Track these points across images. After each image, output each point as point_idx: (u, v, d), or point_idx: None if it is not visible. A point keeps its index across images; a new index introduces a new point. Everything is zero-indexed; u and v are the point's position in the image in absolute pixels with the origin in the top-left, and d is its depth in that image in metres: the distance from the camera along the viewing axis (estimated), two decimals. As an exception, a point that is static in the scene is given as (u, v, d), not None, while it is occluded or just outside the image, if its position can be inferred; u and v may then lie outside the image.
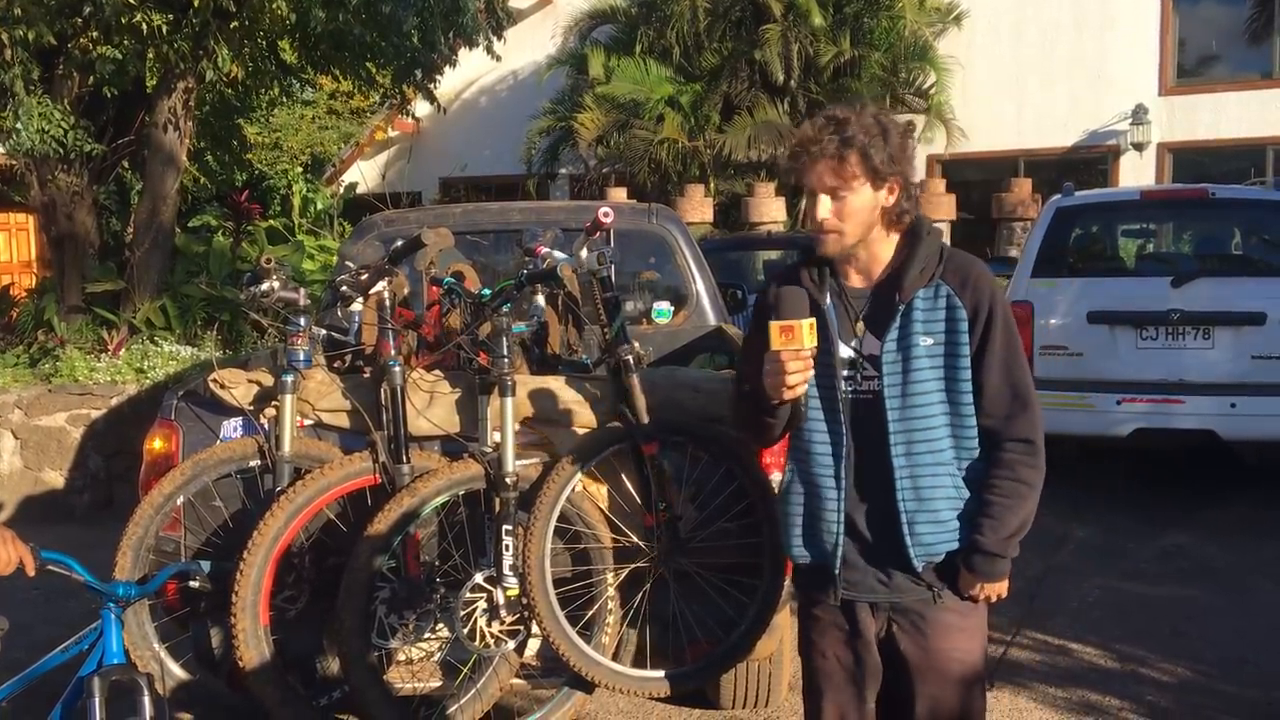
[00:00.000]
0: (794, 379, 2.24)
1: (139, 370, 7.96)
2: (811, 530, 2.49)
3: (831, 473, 2.42)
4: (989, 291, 2.38)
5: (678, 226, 5.17)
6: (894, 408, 2.37)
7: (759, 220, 13.42)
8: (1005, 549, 2.37)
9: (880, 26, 14.59)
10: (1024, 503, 2.37)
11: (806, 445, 2.46)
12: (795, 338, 2.21)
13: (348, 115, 19.81)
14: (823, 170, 2.32)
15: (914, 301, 2.36)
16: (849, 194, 2.33)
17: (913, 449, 2.37)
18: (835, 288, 2.45)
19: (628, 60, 14.80)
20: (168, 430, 3.50)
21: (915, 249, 2.40)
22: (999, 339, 2.36)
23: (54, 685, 3.04)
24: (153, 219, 8.65)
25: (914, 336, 2.36)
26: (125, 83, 8.31)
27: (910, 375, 2.36)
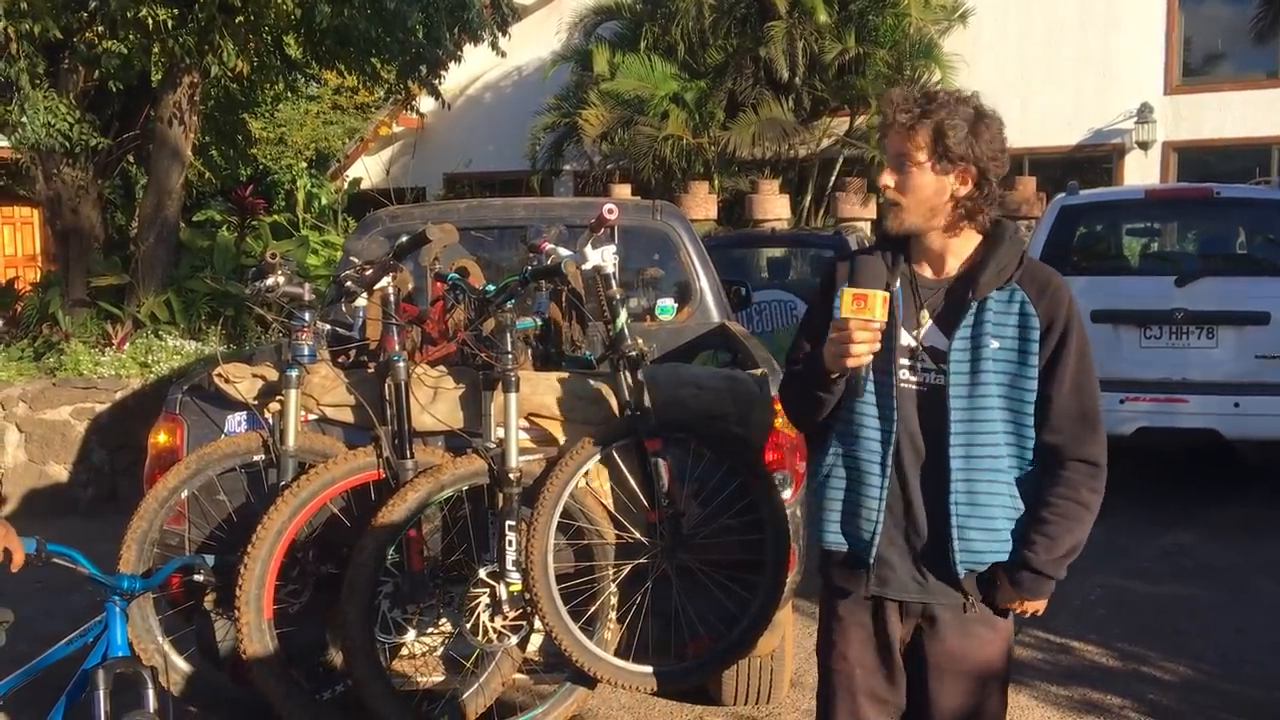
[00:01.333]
0: (859, 349, 2.20)
1: (143, 364, 7.98)
2: (850, 517, 2.44)
3: (878, 459, 2.37)
4: (1066, 305, 2.33)
5: (682, 223, 5.17)
6: (958, 406, 2.32)
7: (763, 218, 13.40)
8: (1056, 570, 2.33)
9: (885, 24, 14.57)
10: (1080, 525, 2.32)
11: (855, 430, 2.41)
12: (867, 307, 2.18)
13: (352, 111, 19.79)
14: (894, 137, 2.29)
15: (987, 302, 2.32)
16: (913, 167, 2.28)
17: (972, 451, 2.32)
18: (906, 274, 2.41)
19: (632, 57, 14.79)
20: (172, 424, 3.51)
21: (995, 249, 2.34)
22: (1073, 356, 2.31)
23: (59, 678, 3.06)
24: (158, 213, 8.67)
25: (984, 337, 2.31)
26: (130, 77, 8.34)
27: (977, 376, 2.31)
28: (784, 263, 10.73)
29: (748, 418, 3.41)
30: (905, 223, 2.34)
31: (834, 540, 2.47)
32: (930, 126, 2.25)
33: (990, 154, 2.29)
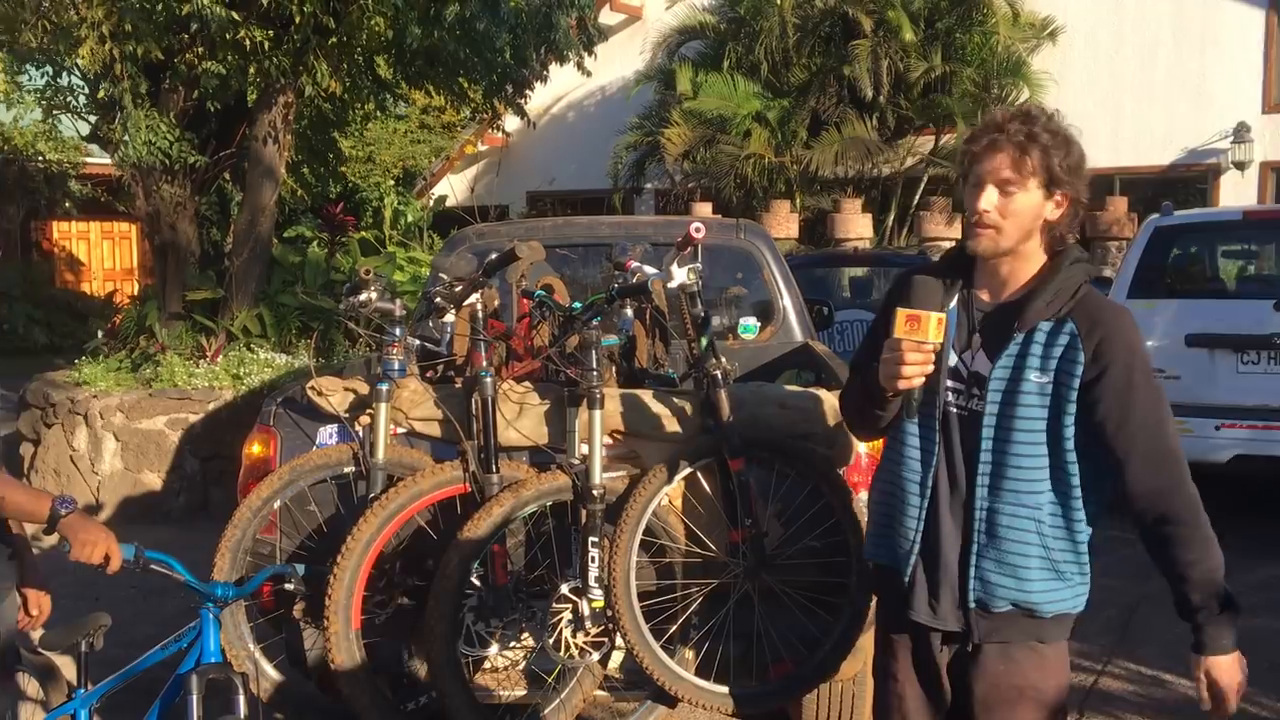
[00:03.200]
0: (910, 370, 2.18)
1: (235, 376, 8.18)
2: (890, 534, 2.43)
3: (918, 479, 2.35)
4: (1124, 345, 2.20)
5: (765, 242, 5.17)
6: (988, 436, 2.27)
7: (845, 237, 13.32)
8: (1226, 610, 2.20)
9: (973, 42, 14.41)
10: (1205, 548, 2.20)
11: (901, 449, 2.39)
12: (920, 328, 2.16)
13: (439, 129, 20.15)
14: (1001, 160, 2.22)
15: (1034, 333, 2.24)
16: (1019, 191, 2.22)
17: (999, 483, 2.26)
18: (964, 295, 2.36)
19: (715, 76, 14.83)
20: (266, 435, 3.59)
21: (1050, 278, 2.26)
22: (1141, 400, 2.19)
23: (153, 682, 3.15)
24: (251, 229, 8.89)
25: (1027, 370, 2.24)
26: (227, 97, 8.57)
27: (1015, 409, 2.24)
28: (866, 282, 10.64)
29: (833, 438, 3.38)
30: (1001, 246, 2.27)
31: (873, 554, 2.49)
32: (1039, 148, 2.20)
33: (1082, 176, 2.25)
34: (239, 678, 2.98)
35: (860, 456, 3.40)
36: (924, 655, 2.41)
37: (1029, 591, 2.27)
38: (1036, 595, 2.27)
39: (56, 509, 2.54)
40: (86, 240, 20.56)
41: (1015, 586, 2.27)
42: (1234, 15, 14.05)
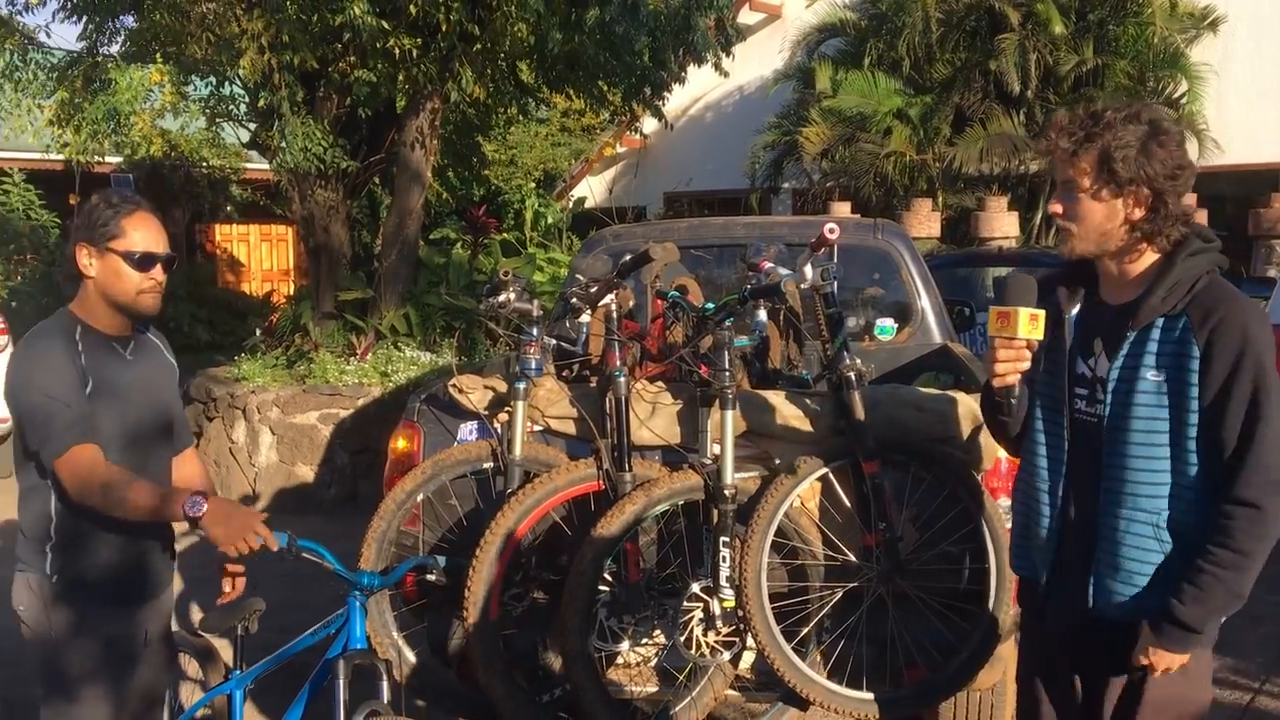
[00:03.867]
0: (1001, 367, 2.20)
1: (383, 374, 8.47)
2: (1026, 545, 2.43)
3: (1047, 488, 2.34)
4: (1238, 334, 2.12)
5: (904, 242, 5.09)
6: (1109, 439, 2.22)
7: (989, 235, 12.97)
8: (1201, 623, 2.14)
9: (1126, 34, 13.85)
10: (1239, 576, 2.12)
11: (1031, 458, 2.40)
12: (1009, 325, 2.17)
13: (579, 132, 20.41)
14: (1057, 163, 2.24)
15: (1150, 330, 2.19)
16: (1080, 194, 2.21)
17: (1118, 486, 2.21)
18: (1089, 300, 2.33)
19: (855, 73, 14.63)
20: (410, 431, 3.72)
21: (1166, 273, 2.20)
22: (1242, 388, 2.10)
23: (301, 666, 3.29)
24: (399, 232, 9.18)
25: (1143, 368, 2.18)
26: (378, 104, 8.87)
27: (1133, 410, 2.19)
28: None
29: (971, 442, 3.32)
30: (1076, 249, 2.26)
31: (1015, 565, 2.49)
32: (1095, 151, 2.16)
33: (1166, 172, 2.16)
34: (383, 664, 3.09)
35: (1000, 461, 3.33)
36: (1065, 666, 2.38)
37: (1151, 598, 2.20)
38: (1158, 602, 2.19)
39: (186, 513, 2.54)
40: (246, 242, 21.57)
41: (1135, 594, 2.21)
42: None
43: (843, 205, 14.20)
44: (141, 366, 2.80)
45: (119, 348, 2.74)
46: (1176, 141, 2.20)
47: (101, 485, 2.52)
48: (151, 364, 2.86)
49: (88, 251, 2.65)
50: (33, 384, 2.56)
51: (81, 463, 2.53)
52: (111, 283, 2.66)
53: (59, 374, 2.57)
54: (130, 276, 2.65)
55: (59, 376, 2.56)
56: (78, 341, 2.63)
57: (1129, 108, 2.21)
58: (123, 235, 2.63)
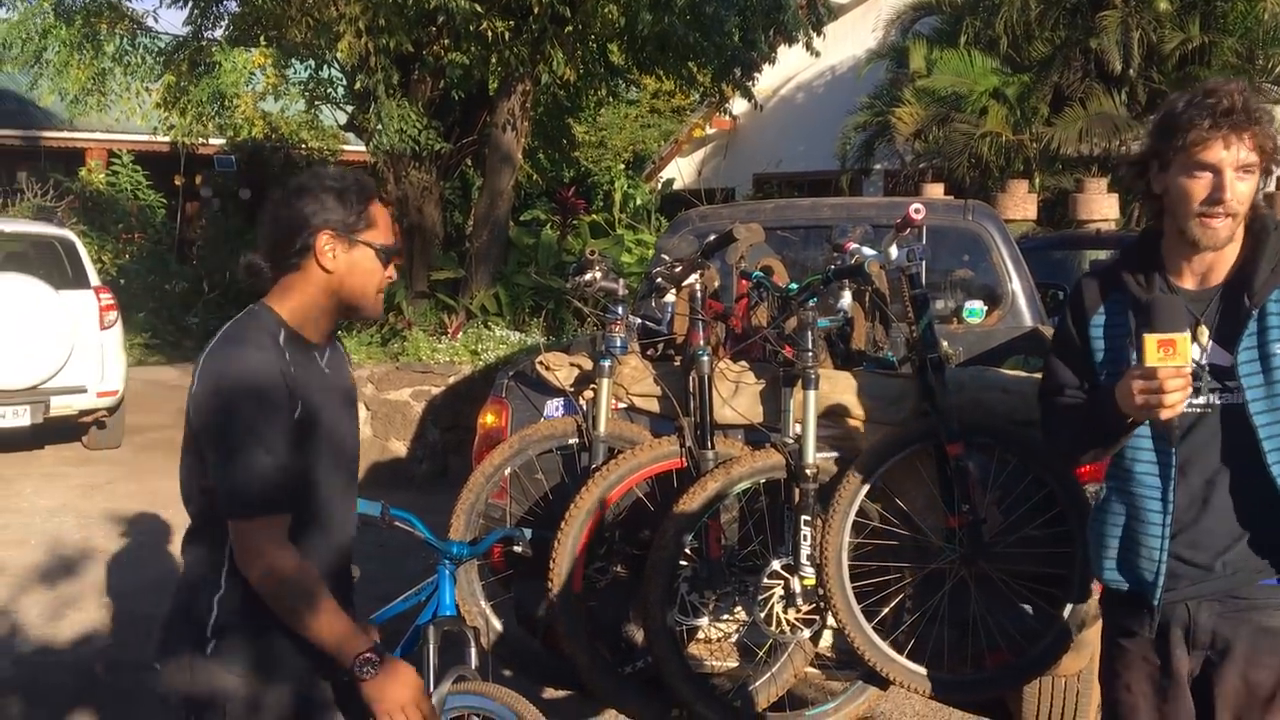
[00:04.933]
0: (1173, 398, 2.02)
1: (473, 352, 8.63)
2: (1129, 555, 2.29)
3: (1158, 494, 2.21)
4: None
5: (995, 223, 5.03)
6: (1265, 423, 2.14)
7: (1087, 218, 12.65)
8: None
9: (1235, 10, 13.35)
10: None
11: (1128, 464, 2.26)
12: (1177, 353, 2.01)
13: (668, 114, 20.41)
14: (1245, 143, 2.10)
15: (1267, 304, 2.13)
16: (1253, 175, 2.12)
17: (1253, 470, 2.14)
18: (1164, 288, 2.22)
19: (950, 52, 14.35)
20: (499, 407, 3.81)
21: (1263, 245, 2.16)
22: None
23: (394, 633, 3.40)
24: (490, 213, 9.33)
25: (1272, 344, 2.13)
26: (470, 86, 9.01)
27: (1274, 386, 2.13)
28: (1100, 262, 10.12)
29: (1057, 425, 3.28)
30: (1232, 234, 2.16)
31: (1113, 579, 2.33)
32: (1266, 129, 2.09)
33: None
34: (471, 631, 3.19)
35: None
36: (1166, 667, 2.28)
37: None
38: None
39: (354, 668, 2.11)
40: (343, 223, 21.97)
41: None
42: None
43: (936, 187, 13.97)
44: (335, 381, 2.32)
45: (317, 357, 2.27)
46: None
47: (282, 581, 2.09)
48: (344, 378, 2.39)
49: (333, 240, 2.18)
50: (237, 409, 2.07)
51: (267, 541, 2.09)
52: (354, 278, 2.21)
53: (270, 403, 2.09)
54: (375, 272, 2.24)
55: (270, 406, 2.09)
56: (284, 351, 2.16)
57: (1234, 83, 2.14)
58: (374, 225, 2.24)
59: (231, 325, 2.21)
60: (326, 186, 2.21)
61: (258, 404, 2.08)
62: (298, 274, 2.21)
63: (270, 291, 2.24)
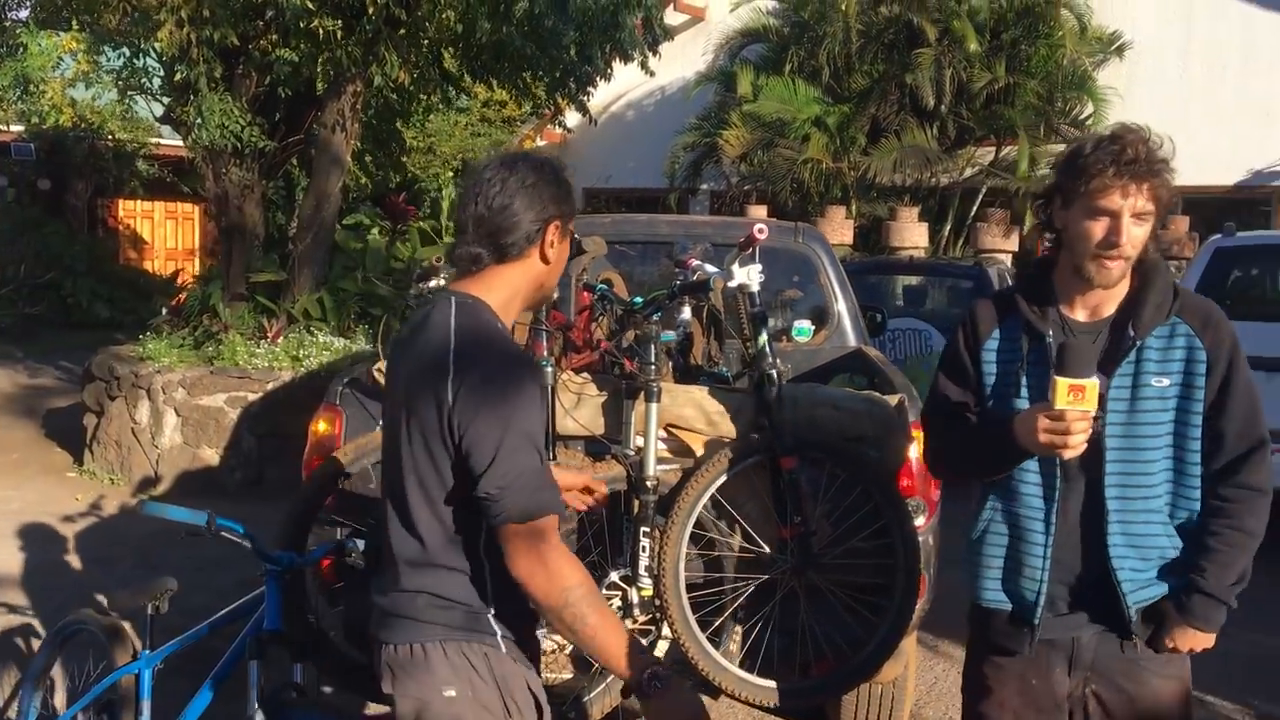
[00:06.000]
0: (1076, 439, 2.11)
1: (294, 358, 8.35)
2: (1013, 575, 2.37)
3: (1041, 515, 2.31)
4: (1230, 335, 2.27)
5: (823, 246, 5.21)
6: (1114, 448, 2.26)
7: (900, 245, 13.29)
8: (1228, 595, 2.25)
9: (1038, 54, 14.28)
10: (1245, 553, 2.26)
11: (1015, 486, 2.34)
12: (1085, 398, 2.09)
13: (499, 123, 20.33)
14: (1142, 193, 2.18)
15: (1148, 340, 2.25)
16: (1149, 221, 2.21)
17: (1127, 492, 2.26)
18: (1058, 320, 2.32)
19: (776, 79, 14.83)
20: (332, 414, 3.70)
21: (1151, 284, 2.27)
22: (1240, 385, 2.25)
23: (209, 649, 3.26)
24: (316, 215, 9.07)
25: (1145, 376, 2.25)
26: (298, 84, 8.75)
27: (1138, 416, 2.26)
28: (921, 291, 10.63)
29: (884, 441, 3.43)
30: (1123, 275, 2.26)
31: (995, 600, 2.41)
32: (1160, 180, 2.18)
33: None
34: (299, 646, 3.08)
35: (911, 461, 3.44)
36: (1043, 685, 2.36)
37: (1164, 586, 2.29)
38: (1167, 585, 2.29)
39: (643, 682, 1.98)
40: (150, 219, 20.95)
41: (1156, 583, 2.30)
42: (1306, 38, 13.86)
43: (759, 209, 14.39)
44: None
45: None
46: None
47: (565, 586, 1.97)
48: None
49: (557, 231, 2.12)
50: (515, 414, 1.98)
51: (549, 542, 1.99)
52: (558, 267, 2.17)
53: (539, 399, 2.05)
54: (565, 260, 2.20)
55: (538, 410, 2.04)
56: None
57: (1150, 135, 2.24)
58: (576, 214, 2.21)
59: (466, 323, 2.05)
60: (548, 176, 2.11)
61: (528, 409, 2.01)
62: (513, 264, 2.10)
63: (466, 280, 2.12)
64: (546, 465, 2.03)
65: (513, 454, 1.96)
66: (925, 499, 3.49)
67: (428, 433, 2.04)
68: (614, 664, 1.99)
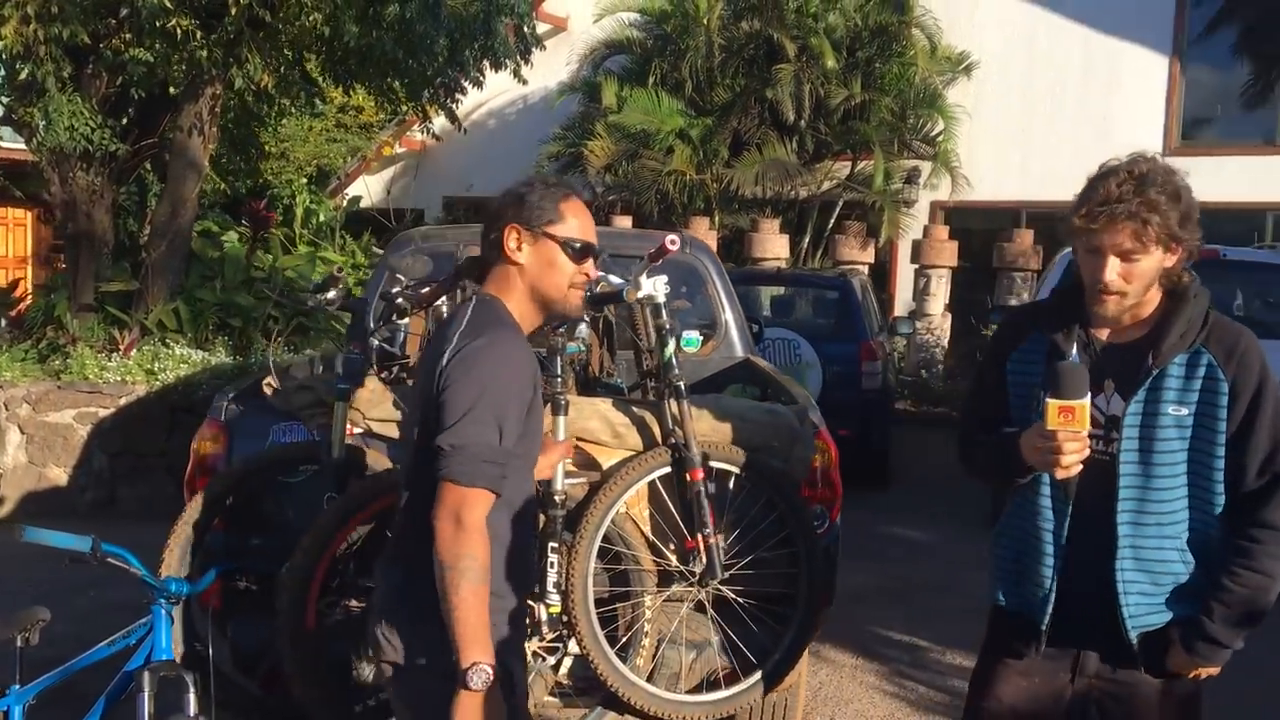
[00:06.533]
0: (1069, 459, 2.15)
1: (149, 371, 7.97)
2: (1020, 581, 2.41)
3: (1051, 529, 2.33)
4: (1259, 366, 2.23)
5: (709, 258, 5.25)
6: (1129, 474, 2.26)
7: (762, 256, 13.54)
8: (1230, 639, 2.25)
9: (891, 72, 14.76)
10: (1263, 595, 2.24)
11: (1032, 498, 2.37)
12: (1076, 419, 2.12)
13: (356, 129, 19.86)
14: (1123, 233, 2.18)
15: (1169, 367, 2.25)
16: (1143, 257, 2.20)
17: (1141, 518, 2.27)
18: (1083, 339, 2.32)
19: (640, 91, 14.92)
20: (216, 431, 3.54)
21: (1179, 311, 2.26)
22: (1267, 418, 2.22)
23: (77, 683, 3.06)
24: (171, 222, 8.68)
25: (1163, 404, 2.24)
26: (153, 85, 8.37)
27: (1154, 444, 2.25)
28: (788, 301, 10.83)
29: (788, 452, 3.46)
30: (1126, 306, 2.26)
31: (1005, 601, 2.45)
32: (1159, 215, 2.17)
33: (1195, 222, 2.23)
34: (190, 675, 2.93)
35: (816, 471, 3.48)
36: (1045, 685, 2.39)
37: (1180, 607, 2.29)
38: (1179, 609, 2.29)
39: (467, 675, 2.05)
40: (-22, 226, 19.72)
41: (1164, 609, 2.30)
42: (1139, 59, 14.61)
43: (624, 219, 14.45)
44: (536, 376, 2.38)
45: None
46: (1193, 198, 2.25)
47: (465, 553, 2.08)
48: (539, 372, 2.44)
49: (518, 235, 2.27)
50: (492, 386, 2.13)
51: (475, 513, 2.09)
52: (544, 273, 2.28)
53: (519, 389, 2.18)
54: (565, 268, 2.29)
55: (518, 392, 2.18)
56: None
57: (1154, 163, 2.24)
58: (561, 220, 2.29)
59: (481, 310, 2.26)
60: (518, 188, 2.35)
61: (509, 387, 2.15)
62: (499, 267, 2.31)
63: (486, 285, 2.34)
64: (504, 447, 2.14)
65: (476, 422, 2.11)
66: (827, 507, 3.53)
67: (426, 403, 2.21)
68: (457, 642, 2.08)
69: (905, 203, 15.00)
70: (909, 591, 6.46)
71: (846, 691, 4.90)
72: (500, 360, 2.16)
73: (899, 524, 7.95)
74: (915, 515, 8.27)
